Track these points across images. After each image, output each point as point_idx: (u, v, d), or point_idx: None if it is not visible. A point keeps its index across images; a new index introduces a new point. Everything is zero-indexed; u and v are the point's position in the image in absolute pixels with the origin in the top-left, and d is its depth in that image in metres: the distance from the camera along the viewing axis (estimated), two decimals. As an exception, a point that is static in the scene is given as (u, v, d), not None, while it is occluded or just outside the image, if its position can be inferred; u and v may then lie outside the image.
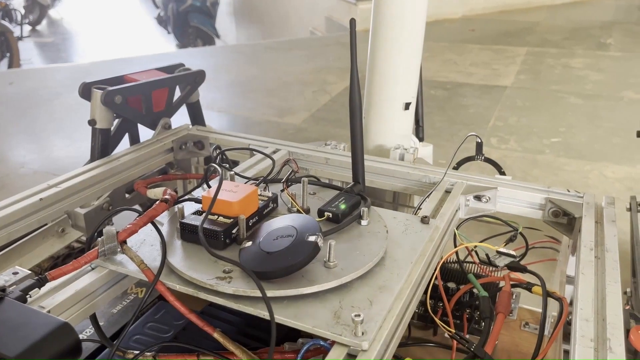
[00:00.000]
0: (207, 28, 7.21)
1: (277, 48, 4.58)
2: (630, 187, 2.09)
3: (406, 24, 1.11)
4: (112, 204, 1.09)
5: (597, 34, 4.49)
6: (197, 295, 0.64)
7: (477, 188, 0.96)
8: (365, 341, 0.56)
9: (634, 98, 2.96)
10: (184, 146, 1.19)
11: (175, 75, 1.26)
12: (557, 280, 0.95)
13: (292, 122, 2.87)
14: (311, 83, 3.50)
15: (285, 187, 0.78)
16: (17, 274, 0.64)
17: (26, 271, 0.74)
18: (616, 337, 0.57)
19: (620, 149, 2.39)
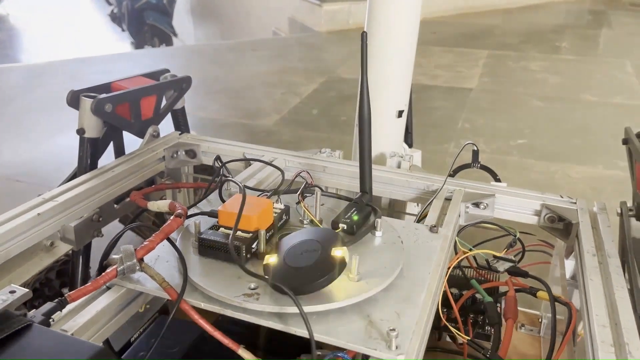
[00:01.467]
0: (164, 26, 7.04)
1: (240, 48, 4.54)
2: (594, 186, 2.18)
3: (399, 33, 1.13)
4: (101, 215, 1.05)
5: (552, 38, 4.67)
6: (223, 313, 0.64)
7: (475, 195, 0.98)
8: (401, 355, 0.57)
9: (591, 100, 3.09)
10: (175, 155, 1.17)
11: (163, 82, 1.24)
12: (551, 282, 0.99)
13: (263, 124, 2.85)
14: (279, 84, 3.49)
15: (301, 199, 0.78)
16: (14, 292, 0.61)
17: (23, 289, 0.71)
18: (633, 342, 0.60)
19: (581, 150, 2.50)
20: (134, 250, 0.67)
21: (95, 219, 1.03)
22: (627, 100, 3.10)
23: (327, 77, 3.59)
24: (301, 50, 4.43)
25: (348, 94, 3.29)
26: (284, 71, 3.76)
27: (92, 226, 1.01)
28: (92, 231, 1.02)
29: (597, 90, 3.25)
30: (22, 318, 0.53)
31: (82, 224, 0.99)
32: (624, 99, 3.11)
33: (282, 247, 0.69)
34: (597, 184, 2.21)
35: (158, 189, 1.11)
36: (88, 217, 1.01)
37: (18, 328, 0.52)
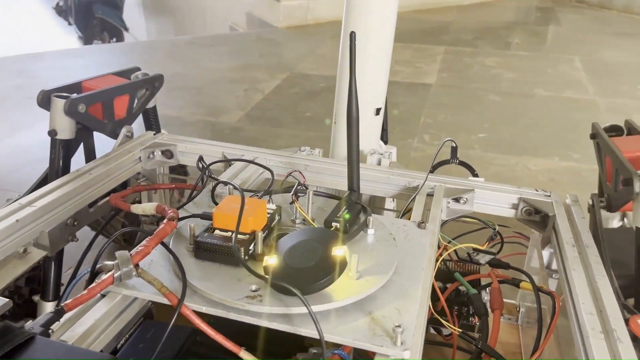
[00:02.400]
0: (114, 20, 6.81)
1: (198, 44, 4.46)
2: (552, 178, 2.27)
3: (376, 32, 1.14)
4: (76, 219, 1.02)
5: (505, 34, 4.81)
6: (225, 316, 0.63)
7: (455, 190, 1.01)
8: (407, 350, 0.58)
9: (544, 95, 3.21)
10: (151, 155, 1.14)
11: (136, 81, 1.21)
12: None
13: (227, 121, 2.82)
14: (240, 80, 3.45)
15: (295, 199, 0.78)
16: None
17: (3, 299, 0.69)
18: (620, 328, 0.64)
19: (538, 143, 2.60)
20: (130, 255, 0.66)
21: (70, 223, 1.00)
22: (577, 94, 3.24)
23: (289, 73, 3.58)
24: (261, 46, 4.39)
25: (311, 90, 3.29)
26: (245, 67, 3.73)
27: (67, 230, 0.98)
28: (67, 236, 0.99)
29: (549, 85, 3.38)
30: (24, 330, 0.52)
31: (56, 228, 0.96)
32: (574, 94, 3.25)
33: (280, 248, 0.69)
34: (554, 175, 2.30)
35: (136, 190, 1.08)
36: (63, 221, 0.98)
37: (22, 341, 0.50)
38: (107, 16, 6.66)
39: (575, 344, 0.67)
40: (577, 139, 2.62)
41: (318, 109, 2.99)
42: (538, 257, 0.97)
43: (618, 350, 0.60)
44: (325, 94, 3.23)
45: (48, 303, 1.08)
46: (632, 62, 3.98)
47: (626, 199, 0.84)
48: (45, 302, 1.09)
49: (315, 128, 2.73)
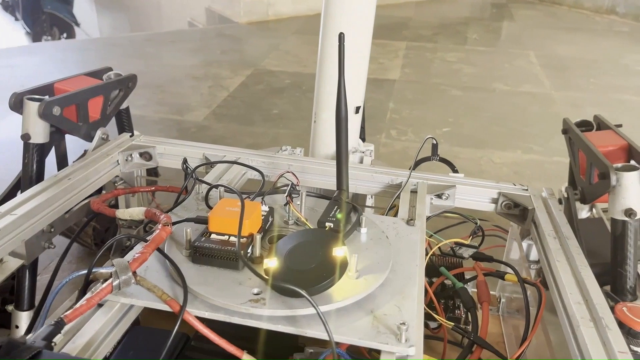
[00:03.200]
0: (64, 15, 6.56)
1: (157, 40, 4.36)
2: (515, 170, 2.35)
3: (355, 31, 1.14)
4: (53, 225, 0.99)
5: (462, 30, 4.92)
6: (229, 321, 0.63)
7: (438, 187, 1.03)
8: (412, 347, 0.60)
9: (504, 89, 3.31)
10: (129, 158, 1.12)
11: (110, 82, 1.18)
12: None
13: (193, 119, 2.77)
14: (204, 78, 3.40)
15: (290, 201, 0.78)
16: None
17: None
18: (607, 316, 0.67)
19: (500, 136, 2.68)
20: (127, 263, 0.64)
21: (47, 230, 0.97)
22: (535, 88, 3.35)
23: (254, 70, 3.55)
24: (222, 42, 4.34)
25: (277, 87, 3.28)
26: (208, 64, 3.68)
27: (44, 238, 0.95)
28: (43, 243, 0.96)
29: (508, 80, 3.48)
30: (30, 346, 0.50)
31: (34, 237, 0.93)
32: (531, 88, 3.36)
33: (280, 250, 0.69)
34: (518, 168, 2.38)
35: (115, 194, 1.06)
36: (41, 229, 0.95)
37: (29, 357, 0.48)
38: (56, 11, 6.41)
39: (565, 332, 0.70)
40: (537, 132, 2.71)
41: (285, 105, 2.98)
42: (519, 249, 1.00)
43: (607, 337, 0.63)
44: (291, 90, 3.23)
45: (23, 313, 1.05)
46: (584, 56, 4.14)
47: (602, 191, 0.88)
48: (20, 311, 1.05)
49: (284, 125, 2.72)
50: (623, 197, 0.83)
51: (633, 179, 0.83)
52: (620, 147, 0.93)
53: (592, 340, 0.63)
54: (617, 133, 1.00)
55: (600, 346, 0.62)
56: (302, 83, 3.37)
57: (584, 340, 0.64)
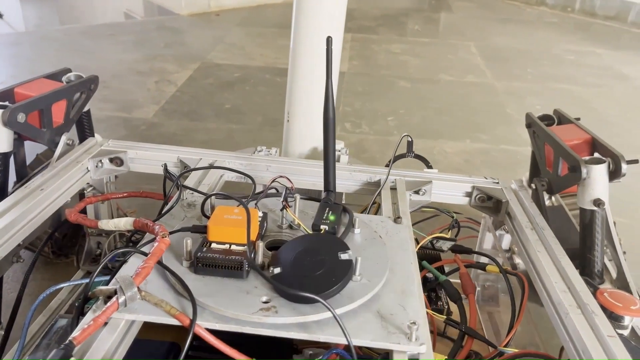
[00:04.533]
0: (-17, 5, 6.16)
1: (95, 33, 4.17)
2: (466, 159, 2.44)
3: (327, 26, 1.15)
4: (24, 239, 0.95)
5: (404, 21, 5.01)
6: (240, 331, 0.63)
7: (415, 183, 1.06)
8: (423, 345, 0.62)
9: (449, 80, 3.41)
10: (99, 164, 1.08)
11: (73, 85, 1.13)
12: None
13: (141, 117, 2.69)
14: (149, 73, 3.29)
15: (286, 205, 0.78)
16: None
17: None
18: (592, 302, 0.72)
19: (449, 126, 2.76)
20: (132, 278, 0.63)
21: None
22: (478, 79, 3.47)
23: (200, 64, 3.48)
24: (165, 35, 4.21)
25: (226, 81, 3.22)
26: (152, 58, 3.56)
27: (13, 252, 0.90)
28: (12, 257, 0.91)
29: (452, 71, 3.59)
30: (49, 373, 0.48)
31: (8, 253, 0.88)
32: (474, 78, 3.48)
33: (283, 257, 0.69)
34: (468, 157, 2.47)
35: (88, 202, 1.02)
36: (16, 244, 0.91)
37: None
38: (-25, 1, 6.00)
39: (552, 319, 0.75)
40: (483, 121, 2.82)
41: (236, 100, 2.94)
42: (495, 240, 1.05)
43: (595, 323, 0.68)
44: (241, 84, 3.19)
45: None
46: (519, 47, 4.33)
47: (571, 183, 0.93)
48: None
49: (237, 120, 2.69)
50: (592, 188, 0.89)
51: (601, 171, 0.89)
52: (585, 141, 1.00)
53: (582, 326, 0.68)
54: (579, 127, 1.06)
55: (590, 331, 0.67)
56: (251, 76, 3.33)
57: (574, 326, 0.68)
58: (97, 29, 4.33)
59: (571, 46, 4.38)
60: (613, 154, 0.91)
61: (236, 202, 0.83)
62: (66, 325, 0.89)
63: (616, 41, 4.67)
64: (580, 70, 3.75)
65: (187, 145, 1.84)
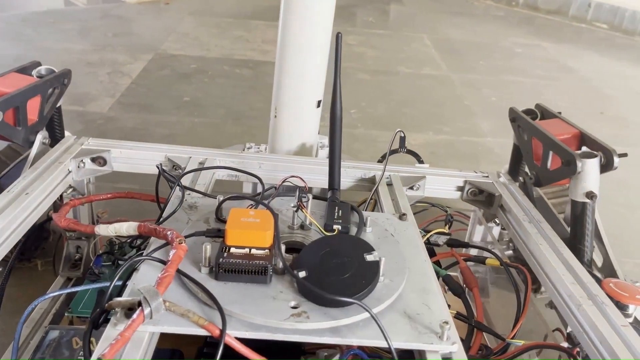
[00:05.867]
0: None
1: (35, 21, 3.94)
2: (431, 151, 2.48)
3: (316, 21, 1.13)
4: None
5: (356, 12, 5.03)
6: (272, 338, 0.61)
7: (409, 179, 1.07)
8: (455, 343, 0.62)
9: (407, 72, 3.45)
10: (81, 164, 1.02)
11: (47, 79, 1.06)
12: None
13: (97, 110, 2.56)
14: (100, 63, 3.15)
15: (302, 206, 0.76)
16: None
17: None
18: (601, 293, 0.75)
19: (411, 118, 2.80)
20: (156, 288, 0.59)
21: None
22: (434, 71, 3.54)
23: (154, 54, 3.35)
24: (112, 24, 4.02)
25: (183, 72, 3.13)
26: (102, 48, 3.40)
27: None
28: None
29: (409, 63, 3.63)
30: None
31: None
32: (431, 70, 3.55)
33: (306, 260, 0.67)
34: (433, 149, 2.52)
35: (72, 205, 0.96)
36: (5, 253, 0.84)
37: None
38: None
39: (562, 311, 0.77)
40: (443, 112, 2.88)
41: (195, 92, 2.86)
42: (489, 233, 1.07)
43: (607, 313, 0.71)
44: (199, 76, 3.10)
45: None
46: (470, 39, 4.44)
47: (564, 176, 0.96)
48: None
49: (198, 113, 2.61)
50: (585, 181, 0.92)
51: (593, 165, 0.92)
52: (574, 135, 1.03)
53: (596, 317, 0.70)
54: (564, 121, 1.10)
55: (604, 321, 0.69)
56: (209, 68, 3.25)
57: (589, 317, 0.70)
58: (37, 16, 4.09)
59: (519, 39, 4.53)
60: (605, 148, 0.94)
61: (241, 203, 0.80)
62: (59, 337, 0.84)
63: (559, 35, 4.87)
64: (529, 63, 3.89)
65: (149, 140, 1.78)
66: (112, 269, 1.02)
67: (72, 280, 1.06)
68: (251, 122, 2.57)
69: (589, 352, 0.69)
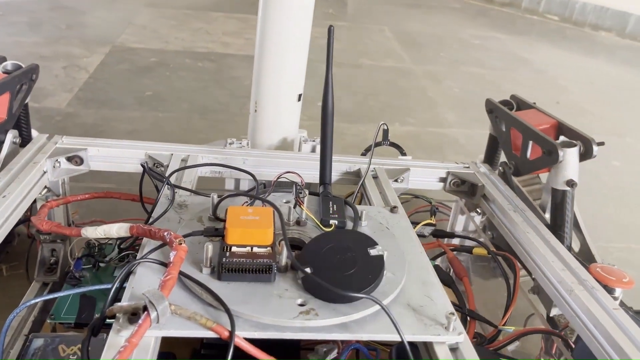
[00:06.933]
0: None
1: (-21, 12, 3.75)
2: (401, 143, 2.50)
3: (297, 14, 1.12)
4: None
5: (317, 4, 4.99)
6: (281, 337, 0.60)
7: (394, 171, 1.07)
8: (461, 334, 0.63)
9: (370, 64, 3.47)
10: (57, 164, 0.97)
11: (15, 75, 1.01)
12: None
13: (54, 106, 2.46)
14: (54, 57, 3.02)
15: (300, 202, 0.75)
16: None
17: None
18: (590, 278, 0.77)
19: (377, 111, 2.82)
20: (161, 291, 0.57)
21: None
22: (397, 63, 3.57)
23: (111, 47, 3.24)
24: (63, 15, 3.86)
25: (143, 66, 3.04)
26: (55, 41, 3.26)
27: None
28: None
29: (372, 55, 3.65)
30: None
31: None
32: (394, 62, 3.58)
33: (309, 256, 0.67)
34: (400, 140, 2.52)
35: (50, 207, 0.92)
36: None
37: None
38: None
39: (553, 297, 0.79)
40: (408, 105, 2.91)
41: (157, 86, 2.78)
42: (472, 222, 1.09)
43: (598, 297, 0.73)
44: (160, 69, 3.02)
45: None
46: (429, 31, 4.51)
47: (544, 166, 0.99)
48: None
49: (162, 108, 2.54)
50: (565, 170, 0.95)
51: (573, 154, 0.95)
52: (552, 125, 1.06)
53: (588, 301, 0.73)
54: (540, 111, 1.13)
55: (596, 305, 0.72)
56: (170, 61, 3.17)
57: (581, 302, 0.73)
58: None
59: (475, 31, 4.63)
60: (584, 137, 0.97)
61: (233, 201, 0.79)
62: (44, 346, 0.81)
63: (513, 27, 5.01)
64: (487, 54, 3.98)
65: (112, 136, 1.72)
66: (93, 271, 0.98)
67: (49, 285, 1.02)
68: (217, 117, 2.53)
69: (582, 336, 0.71)
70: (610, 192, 2.09)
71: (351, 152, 1.14)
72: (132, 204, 1.05)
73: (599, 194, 2.10)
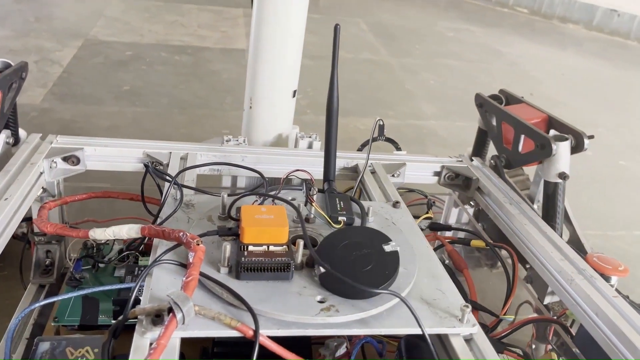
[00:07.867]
0: None
1: (-59, 4, 3.61)
2: (380, 135, 2.52)
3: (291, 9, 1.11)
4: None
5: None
6: (303, 334, 0.61)
7: (391, 166, 1.09)
8: (475, 325, 0.65)
9: (347, 57, 3.48)
10: (53, 164, 0.95)
11: (6, 74, 0.98)
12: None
13: (28, 102, 2.39)
14: (24, 51, 2.93)
15: (311, 199, 0.76)
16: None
17: None
18: (588, 268, 0.81)
19: (357, 103, 2.84)
20: (185, 293, 0.58)
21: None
22: (374, 56, 3.59)
23: (84, 41, 3.16)
24: (31, 8, 3.74)
25: (118, 59, 2.97)
26: (24, 34, 3.16)
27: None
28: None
29: (348, 48, 3.66)
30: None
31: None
32: (370, 55, 3.59)
33: (325, 253, 0.67)
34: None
35: (49, 208, 0.90)
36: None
37: None
38: None
39: (553, 287, 0.82)
40: (386, 97, 2.94)
41: (134, 81, 2.73)
42: (467, 215, 1.12)
43: (598, 286, 0.76)
44: (136, 63, 2.96)
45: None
46: (404, 24, 4.54)
47: (537, 159, 1.02)
48: None
49: (140, 103, 2.50)
50: (558, 163, 0.98)
51: (566, 147, 0.98)
52: (543, 119, 1.09)
53: (589, 290, 0.76)
54: (530, 105, 1.16)
55: (597, 294, 0.75)
56: (145, 55, 3.11)
57: (582, 291, 0.76)
58: (-56, 0, 3.73)
59: (449, 23, 4.68)
60: (575, 131, 1.00)
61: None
62: (51, 349, 0.80)
63: (485, 19, 5.08)
64: (461, 47, 4.04)
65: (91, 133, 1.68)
66: (92, 272, 0.97)
67: (46, 287, 1.00)
68: (197, 111, 2.50)
69: (584, 324, 0.74)
70: (584, 181, 2.16)
71: (338, 147, 1.15)
72: (124, 203, 1.04)
73: (574, 183, 2.16)
